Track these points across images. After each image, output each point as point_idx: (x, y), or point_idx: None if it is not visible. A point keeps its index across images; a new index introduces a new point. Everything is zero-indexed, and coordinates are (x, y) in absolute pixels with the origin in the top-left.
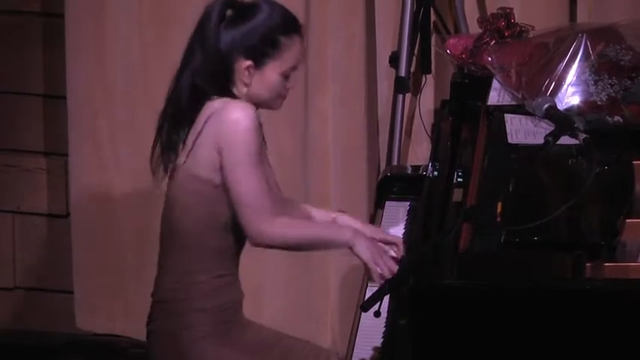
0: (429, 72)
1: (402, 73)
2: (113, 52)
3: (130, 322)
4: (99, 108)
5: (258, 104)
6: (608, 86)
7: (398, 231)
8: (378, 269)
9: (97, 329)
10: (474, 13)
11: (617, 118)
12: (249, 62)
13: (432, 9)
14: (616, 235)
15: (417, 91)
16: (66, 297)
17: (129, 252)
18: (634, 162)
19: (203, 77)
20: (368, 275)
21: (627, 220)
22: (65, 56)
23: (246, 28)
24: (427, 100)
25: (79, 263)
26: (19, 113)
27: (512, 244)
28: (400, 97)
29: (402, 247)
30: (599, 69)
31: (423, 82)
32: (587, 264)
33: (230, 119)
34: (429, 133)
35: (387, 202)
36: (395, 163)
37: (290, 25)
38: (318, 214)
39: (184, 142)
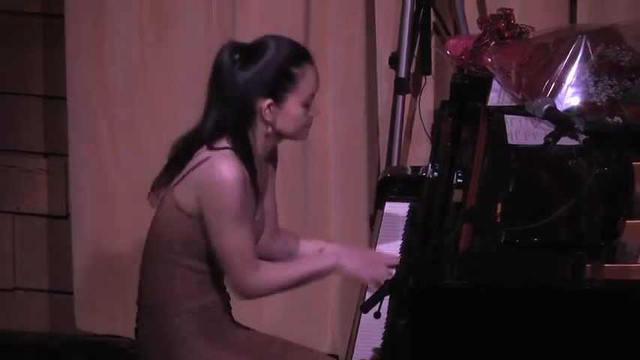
0: (429, 73)
1: (402, 74)
2: (113, 52)
3: (130, 323)
4: (99, 108)
5: (285, 137)
6: (608, 87)
7: (398, 232)
8: (370, 281)
9: (97, 330)
10: (474, 14)
11: (616, 118)
12: (269, 100)
13: (431, 10)
14: (616, 236)
15: (416, 91)
16: (66, 298)
17: (129, 252)
18: (634, 163)
19: (226, 122)
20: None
21: (627, 221)
22: (65, 56)
23: (259, 68)
24: (427, 100)
25: (79, 264)
26: (19, 114)
27: (512, 245)
28: (400, 97)
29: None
30: (599, 70)
31: (422, 83)
32: (587, 265)
33: (213, 178)
34: (429, 134)
35: (386, 202)
36: (395, 163)
37: (300, 55)
38: (305, 246)
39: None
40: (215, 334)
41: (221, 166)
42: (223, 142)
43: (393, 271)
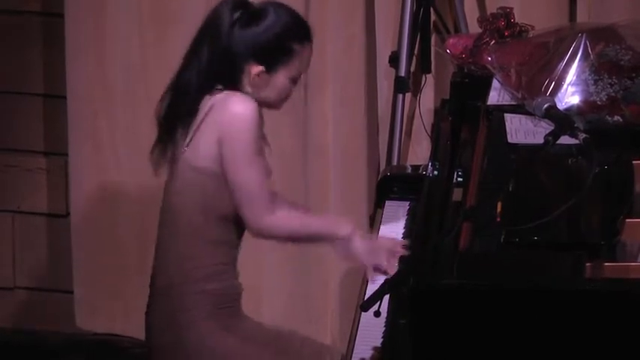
0: (429, 72)
1: (402, 73)
2: (113, 52)
3: (130, 322)
4: (99, 108)
5: (261, 104)
6: (608, 86)
7: (398, 231)
8: (370, 265)
9: (97, 329)
10: (474, 12)
11: (616, 117)
12: (260, 68)
13: (431, 8)
14: (616, 235)
15: (416, 90)
16: (66, 297)
17: (129, 252)
18: (634, 162)
19: (211, 75)
20: (365, 276)
21: (627, 220)
22: (65, 56)
23: (258, 32)
24: (427, 99)
25: (79, 263)
26: (19, 113)
27: (512, 244)
28: (400, 96)
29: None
30: (599, 69)
31: (422, 82)
32: (587, 264)
33: (232, 112)
34: (429, 133)
35: (386, 201)
36: (395, 162)
37: (303, 32)
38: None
39: (185, 134)
40: (224, 320)
41: (237, 102)
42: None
43: (395, 263)
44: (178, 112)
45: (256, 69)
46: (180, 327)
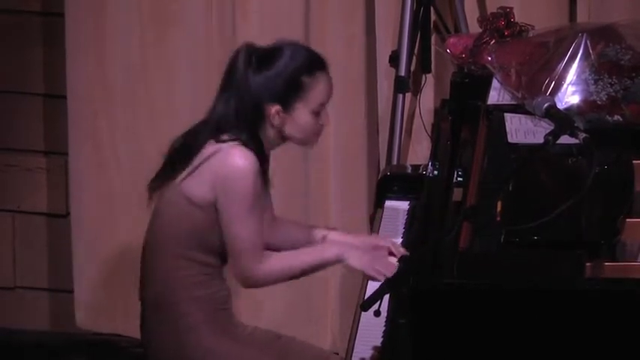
0: (429, 71)
1: (402, 73)
2: (113, 52)
3: (130, 322)
4: (99, 107)
5: (293, 142)
6: (608, 86)
7: (398, 230)
8: (375, 274)
9: (97, 328)
10: (474, 12)
11: (617, 117)
12: (277, 107)
13: (432, 8)
14: (616, 235)
15: (417, 90)
16: (66, 296)
17: (129, 251)
18: (634, 161)
19: (234, 121)
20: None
21: (627, 220)
22: (65, 56)
23: (271, 74)
24: (427, 99)
25: (79, 262)
26: (19, 113)
27: (512, 244)
28: (400, 96)
29: (397, 246)
30: (599, 68)
31: (423, 82)
32: (587, 263)
33: (231, 165)
34: (429, 133)
35: (386, 201)
36: (395, 162)
37: (313, 64)
38: (308, 233)
39: (182, 168)
40: (222, 323)
41: (237, 156)
42: (232, 137)
43: (395, 262)
44: (184, 155)
45: (273, 108)
46: (179, 332)
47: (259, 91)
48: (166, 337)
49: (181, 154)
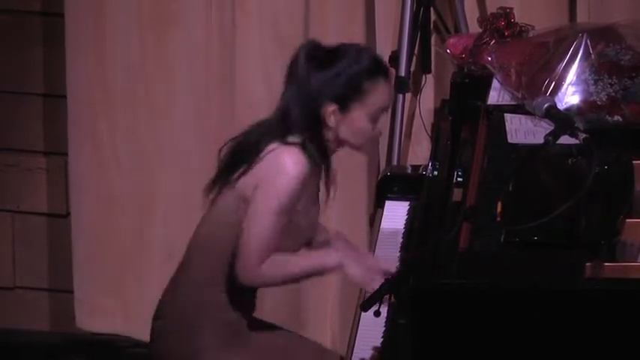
0: (429, 71)
1: (402, 73)
2: (113, 52)
3: (130, 322)
4: (99, 108)
5: (347, 146)
6: (608, 86)
7: (397, 231)
8: (370, 287)
9: (97, 329)
10: (474, 12)
11: (617, 117)
12: (334, 106)
13: (432, 8)
14: (616, 235)
15: (417, 90)
16: (65, 296)
17: (128, 252)
18: (634, 162)
19: (293, 118)
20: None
21: (627, 220)
22: (65, 56)
23: (332, 73)
24: (427, 99)
25: (78, 263)
26: (19, 113)
27: (512, 244)
28: (400, 96)
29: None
30: (599, 69)
31: (423, 82)
32: (587, 263)
33: (279, 164)
34: (429, 133)
35: (387, 201)
36: (395, 162)
37: (375, 69)
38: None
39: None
40: (238, 344)
41: (287, 156)
42: (295, 138)
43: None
44: (242, 158)
45: (330, 108)
46: (195, 351)
47: (319, 89)
48: (179, 348)
49: (241, 155)
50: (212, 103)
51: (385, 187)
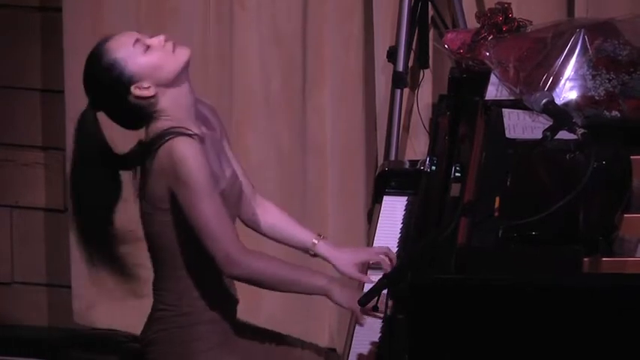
0: (427, 67)
1: (400, 68)
2: None
3: (128, 317)
4: None
5: (171, 85)
6: (606, 81)
7: (395, 226)
8: (360, 313)
9: (95, 324)
10: (472, 7)
11: (614, 112)
12: (132, 87)
13: (430, 4)
14: (614, 230)
15: (414, 85)
16: (64, 292)
17: (126, 247)
18: (632, 157)
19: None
20: (355, 320)
21: (625, 215)
22: (63, 51)
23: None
24: (425, 94)
25: (76, 258)
26: (17, 108)
27: (510, 239)
28: (398, 91)
29: (391, 254)
30: (597, 64)
31: (420, 77)
32: (585, 259)
33: (178, 158)
34: (427, 128)
35: (384, 196)
36: (393, 157)
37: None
38: (298, 234)
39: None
40: (232, 342)
41: (181, 141)
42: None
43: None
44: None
45: (135, 92)
46: (191, 354)
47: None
48: (175, 356)
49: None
50: (209, 99)
51: (383, 183)
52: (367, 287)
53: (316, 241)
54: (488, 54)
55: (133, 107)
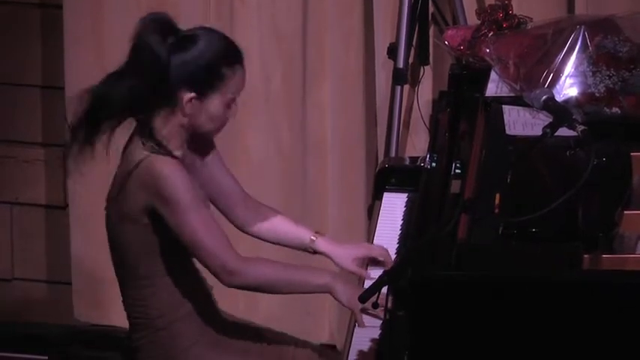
0: (427, 63)
1: (400, 65)
2: (111, 44)
3: None
4: None
5: (198, 132)
6: (606, 78)
7: (396, 223)
8: (360, 316)
9: (95, 320)
10: (472, 4)
11: (615, 109)
12: (192, 94)
13: (430, 0)
14: (614, 227)
15: (415, 82)
16: (64, 288)
17: None
18: (632, 153)
19: (142, 100)
20: (354, 320)
21: (625, 212)
22: (63, 47)
23: (188, 58)
24: (425, 91)
25: (77, 254)
26: (18, 104)
27: (510, 236)
28: (398, 88)
29: (388, 255)
30: (597, 60)
31: (421, 74)
32: (585, 255)
33: (161, 176)
34: (427, 125)
35: (385, 193)
36: (393, 154)
37: (232, 55)
38: (295, 232)
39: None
40: (216, 336)
41: (164, 161)
42: (148, 144)
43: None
44: (99, 123)
45: (187, 95)
46: (177, 353)
47: (176, 73)
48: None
49: (99, 123)
50: None
51: (383, 179)
52: (367, 284)
53: (314, 238)
54: (488, 51)
55: (159, 96)
